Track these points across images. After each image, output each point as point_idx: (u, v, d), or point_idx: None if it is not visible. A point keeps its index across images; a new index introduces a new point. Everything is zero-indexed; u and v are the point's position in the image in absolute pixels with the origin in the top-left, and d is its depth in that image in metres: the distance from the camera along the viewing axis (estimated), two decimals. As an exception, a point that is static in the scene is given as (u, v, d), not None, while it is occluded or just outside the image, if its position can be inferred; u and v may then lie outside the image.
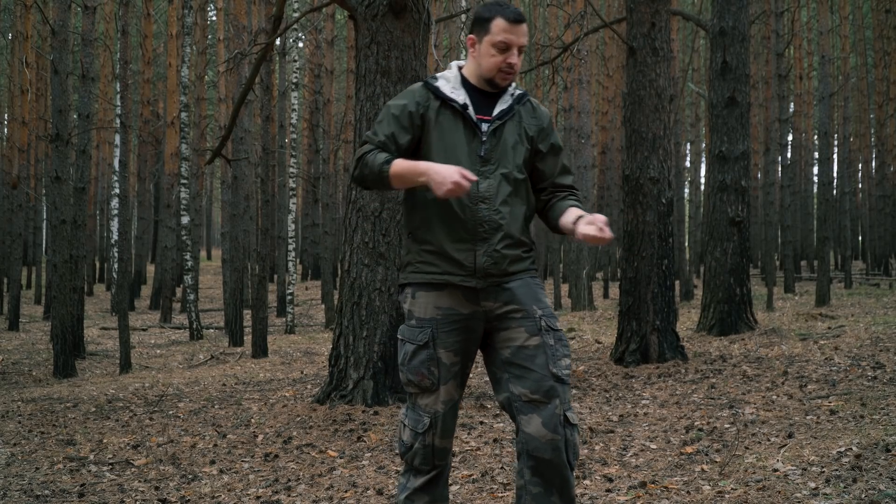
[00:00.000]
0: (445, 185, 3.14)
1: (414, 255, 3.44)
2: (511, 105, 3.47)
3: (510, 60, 3.38)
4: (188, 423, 7.38)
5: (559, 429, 3.32)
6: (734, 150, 11.68)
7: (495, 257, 3.34)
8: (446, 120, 3.41)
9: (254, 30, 16.51)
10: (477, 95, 3.46)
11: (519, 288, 3.40)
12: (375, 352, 7.39)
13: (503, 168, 3.39)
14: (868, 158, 40.02)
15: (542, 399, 3.32)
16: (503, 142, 3.42)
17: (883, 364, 7.94)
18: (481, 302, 3.39)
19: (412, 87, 3.52)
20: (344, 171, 28.61)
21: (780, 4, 21.77)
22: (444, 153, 3.36)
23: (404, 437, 3.46)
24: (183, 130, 18.38)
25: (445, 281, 3.36)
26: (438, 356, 3.37)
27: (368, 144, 3.40)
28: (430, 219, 3.37)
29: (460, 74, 3.51)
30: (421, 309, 3.41)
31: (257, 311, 13.07)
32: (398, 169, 3.28)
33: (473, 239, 3.34)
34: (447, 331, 3.37)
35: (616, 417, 6.66)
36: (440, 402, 3.41)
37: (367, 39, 7.67)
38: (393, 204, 7.50)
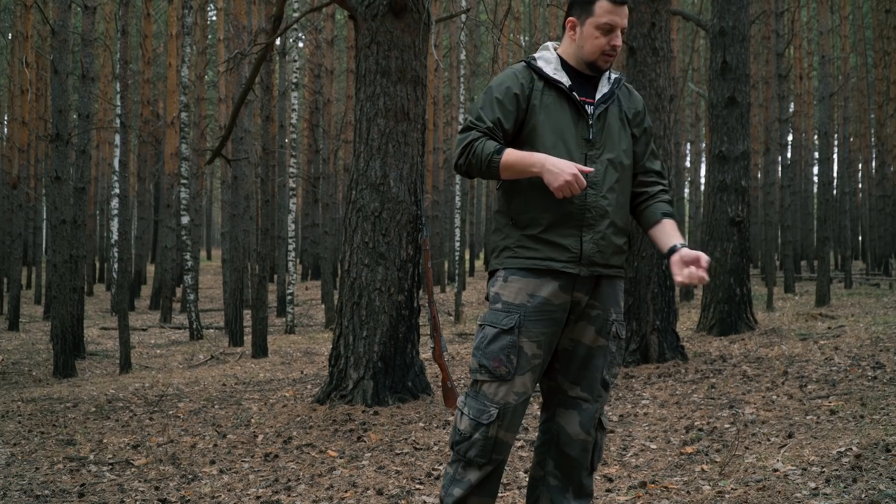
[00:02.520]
0: (562, 177, 3.07)
1: (513, 240, 3.32)
2: (612, 89, 3.39)
3: (614, 42, 3.29)
4: (188, 423, 7.37)
5: (592, 431, 3.33)
6: (734, 149, 11.67)
7: (601, 245, 3.27)
8: (552, 101, 3.31)
9: (254, 30, 16.51)
10: (577, 78, 3.38)
11: (606, 286, 3.35)
12: (375, 352, 7.39)
13: (609, 153, 3.32)
14: (868, 158, 40.02)
15: (585, 398, 3.32)
16: (608, 126, 3.34)
17: (883, 364, 7.94)
18: (574, 292, 3.30)
19: (513, 68, 3.41)
20: (344, 170, 28.60)
21: (781, 4, 21.77)
22: (552, 136, 3.27)
23: (461, 426, 3.30)
24: (183, 130, 18.37)
25: (547, 266, 3.26)
26: (521, 345, 3.25)
27: (474, 131, 3.28)
28: (533, 204, 3.27)
29: (559, 56, 3.42)
30: (511, 293, 3.29)
31: (257, 311, 13.07)
32: (510, 159, 3.19)
33: (580, 225, 3.25)
34: (535, 320, 3.26)
35: (616, 417, 6.66)
36: (513, 393, 3.26)
37: (367, 39, 7.67)
38: (392, 204, 7.50)
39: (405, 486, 5.02)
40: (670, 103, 9.71)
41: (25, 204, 26.96)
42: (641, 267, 9.28)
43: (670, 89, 9.71)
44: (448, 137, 31.93)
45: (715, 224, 11.78)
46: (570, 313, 3.35)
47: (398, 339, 7.51)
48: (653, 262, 9.27)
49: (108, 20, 25.96)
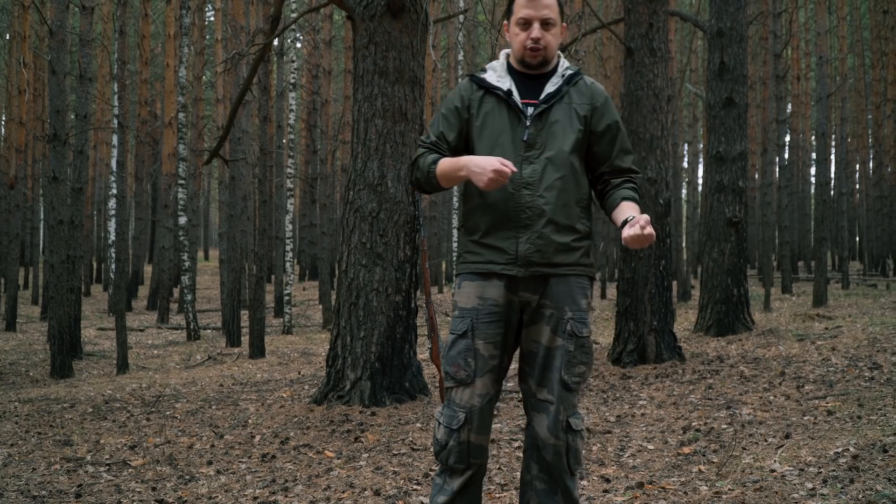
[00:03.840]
0: (485, 175, 3.11)
1: (462, 246, 3.43)
2: (559, 87, 3.40)
3: (533, 35, 3.33)
4: (185, 423, 7.37)
5: (561, 434, 3.32)
6: (732, 150, 11.68)
7: (538, 244, 3.27)
8: (490, 109, 3.38)
9: (251, 30, 16.52)
10: (524, 80, 3.42)
11: (557, 285, 3.33)
12: (373, 352, 7.39)
13: (549, 152, 3.32)
14: (865, 159, 40.06)
15: (551, 401, 3.32)
16: (549, 125, 3.35)
17: (880, 365, 7.94)
18: (520, 292, 3.33)
19: (459, 84, 3.52)
20: (342, 171, 28.63)
21: (778, 5, 21.78)
22: (488, 142, 3.34)
23: (439, 436, 3.36)
24: (180, 131, 18.38)
25: (488, 270, 3.32)
26: (476, 347, 3.31)
27: (421, 147, 3.43)
28: (475, 209, 3.35)
29: (507, 62, 3.49)
30: (464, 298, 3.38)
31: (255, 312, 13.07)
32: (442, 168, 3.30)
33: (516, 226, 3.28)
34: (486, 321, 3.32)
35: (613, 418, 6.66)
36: (476, 395, 3.32)
37: (364, 40, 7.66)
38: (390, 205, 7.50)
39: (402, 487, 5.02)
40: (668, 104, 9.72)
41: (23, 204, 26.95)
42: (639, 268, 9.28)
43: (668, 90, 9.72)
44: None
45: (712, 224, 11.78)
46: (523, 314, 3.38)
47: (396, 340, 7.50)
48: (650, 263, 9.27)
49: (105, 20, 25.93)
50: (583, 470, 5.18)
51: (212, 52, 30.12)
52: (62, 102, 12.41)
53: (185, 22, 18.45)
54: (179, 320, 21.38)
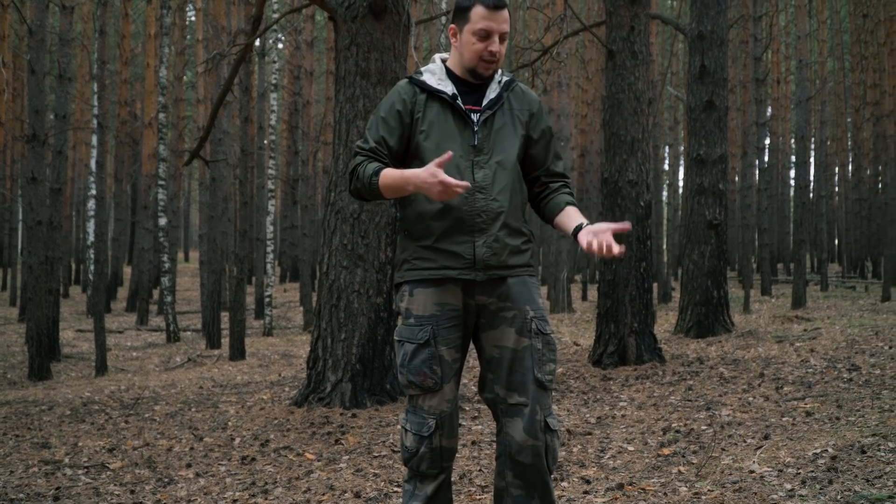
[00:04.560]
0: (434, 190, 3.05)
1: (410, 252, 3.35)
2: (500, 93, 3.39)
3: (492, 48, 3.29)
4: (164, 426, 7.34)
5: (540, 435, 3.30)
6: (712, 153, 11.73)
7: (495, 248, 3.27)
8: (435, 113, 3.32)
9: (233, 30, 16.47)
10: (464, 86, 3.38)
11: (515, 286, 3.33)
12: (354, 354, 7.38)
13: (497, 156, 3.31)
14: (845, 162, 40.31)
15: (525, 403, 3.29)
16: (496, 131, 3.34)
17: (859, 366, 7.99)
18: (476, 296, 3.31)
19: (397, 86, 3.43)
20: (323, 172, 28.57)
21: (759, 9, 21.89)
22: (435, 146, 3.28)
23: (408, 443, 3.33)
24: (161, 131, 18.30)
25: (444, 276, 3.28)
26: (440, 354, 3.28)
27: (359, 155, 3.31)
28: (424, 214, 3.28)
29: (445, 67, 3.43)
30: (420, 306, 3.31)
31: (235, 314, 13.03)
32: (387, 181, 3.20)
33: (472, 230, 3.26)
34: (448, 327, 3.29)
35: (594, 419, 6.67)
36: (445, 401, 3.30)
37: (346, 41, 7.65)
38: (372, 206, 7.49)
39: (383, 489, 5.01)
40: (649, 106, 9.75)
41: (1, 205, 26.76)
42: (619, 270, 9.31)
43: (649, 92, 9.75)
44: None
45: (693, 227, 11.83)
46: (480, 317, 3.36)
47: (377, 342, 7.50)
48: (631, 265, 9.29)
49: (85, 20, 25.83)
50: (562, 471, 5.19)
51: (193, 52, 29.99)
52: (41, 102, 12.34)
53: (166, 22, 18.36)
54: (159, 322, 21.29)
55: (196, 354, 14.12)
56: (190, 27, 33.94)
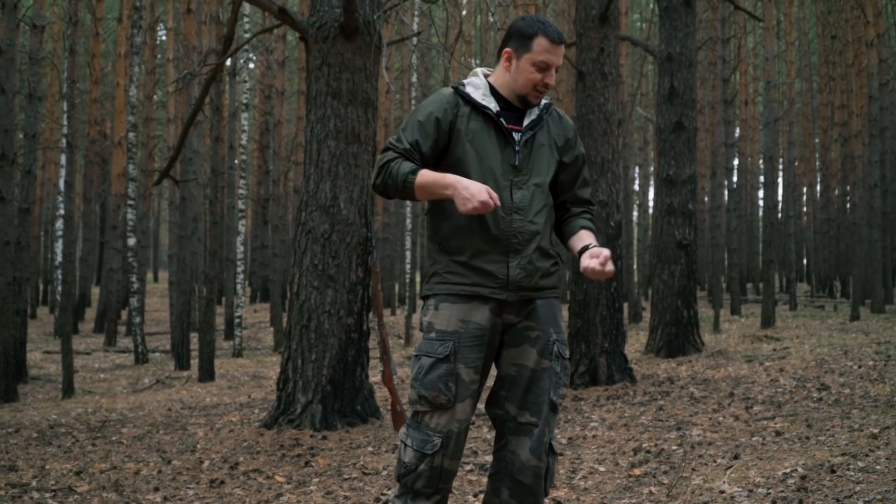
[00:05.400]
0: (472, 202, 3.06)
1: (441, 265, 3.33)
2: (540, 115, 3.41)
3: (547, 80, 3.32)
4: (132, 448, 7.26)
5: (543, 456, 3.31)
6: (681, 173, 11.81)
7: (528, 269, 3.28)
8: (478, 127, 3.32)
9: (204, 50, 16.43)
10: (505, 105, 3.39)
11: (542, 307, 3.35)
12: (324, 375, 7.34)
13: (536, 178, 3.33)
14: (813, 182, 40.68)
15: (535, 424, 3.30)
16: (535, 152, 3.36)
17: (828, 385, 8.04)
18: (504, 315, 3.31)
19: (441, 92, 3.41)
20: (294, 192, 28.51)
21: (727, 31, 22.11)
22: (476, 161, 3.28)
23: (406, 459, 3.26)
24: (130, 150, 18.19)
25: (475, 293, 3.26)
26: (458, 372, 3.24)
27: (391, 151, 3.29)
28: (461, 229, 3.27)
29: (488, 83, 3.43)
30: (443, 321, 3.28)
31: (204, 335, 12.94)
32: (424, 180, 3.19)
33: (506, 250, 3.26)
34: (469, 346, 3.25)
35: (565, 440, 6.67)
36: (455, 420, 3.25)
37: (318, 61, 7.65)
38: (343, 226, 7.48)
39: (353, 511, 4.98)
40: (619, 127, 9.80)
41: (-32, 225, 26.44)
42: (590, 290, 9.33)
43: (619, 113, 9.81)
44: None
45: (663, 247, 11.89)
46: (505, 334, 3.35)
47: (347, 363, 7.46)
48: (601, 285, 9.32)
49: (55, 39, 25.71)
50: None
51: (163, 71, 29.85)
52: (10, 121, 12.24)
53: (137, 41, 18.29)
54: (127, 343, 21.08)
55: (165, 376, 14.00)
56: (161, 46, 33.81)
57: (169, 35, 25.76)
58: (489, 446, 6.35)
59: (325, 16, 7.63)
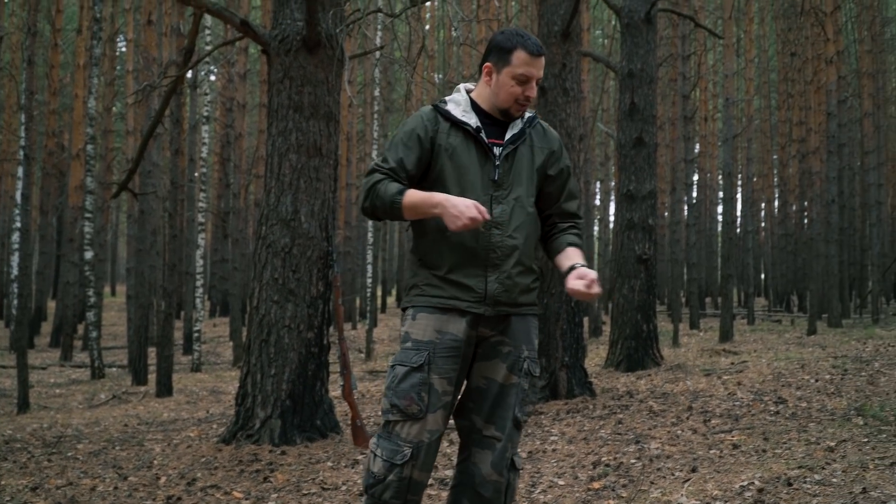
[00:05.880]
0: (461, 219, 3.07)
1: (421, 278, 3.35)
2: (522, 129, 3.42)
3: (528, 93, 3.34)
4: (88, 464, 7.17)
5: (505, 472, 3.31)
6: (642, 189, 11.89)
7: (507, 284, 3.28)
8: (458, 143, 3.33)
9: (164, 62, 16.33)
10: (487, 119, 3.40)
11: (517, 323, 3.36)
12: (284, 390, 7.29)
13: (516, 193, 3.34)
14: (771, 198, 41.18)
15: (498, 438, 3.30)
16: (516, 166, 3.36)
17: (785, 399, 8.10)
18: (479, 328, 3.31)
19: (421, 110, 3.44)
20: (255, 205, 28.35)
21: (687, 48, 22.33)
22: (456, 176, 3.29)
23: (375, 469, 3.25)
24: (88, 163, 18.00)
25: (452, 305, 3.27)
26: (431, 381, 3.23)
27: (377, 173, 3.31)
28: (440, 244, 3.29)
29: (470, 99, 3.45)
30: (420, 331, 3.28)
31: (162, 349, 12.82)
32: (411, 200, 3.20)
33: (485, 265, 3.27)
34: (444, 356, 3.25)
35: (525, 454, 6.67)
36: (426, 431, 3.24)
37: (279, 74, 7.63)
38: (303, 240, 7.45)
39: (312, 527, 4.94)
40: (580, 143, 9.86)
41: (-78, 237, 26.09)
42: (551, 304, 9.35)
43: (580, 129, 9.86)
44: (361, 173, 31.90)
45: (623, 261, 11.95)
46: (478, 347, 3.36)
47: (307, 377, 7.42)
48: (562, 300, 9.34)
49: (14, 50, 25.44)
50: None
51: (122, 83, 29.65)
52: (-35, 133, 12.09)
53: (96, 52, 18.13)
54: (84, 358, 20.82)
55: (121, 391, 13.85)
56: (120, 58, 33.61)
57: (129, 46, 25.56)
58: (450, 461, 6.34)
59: (288, 29, 7.62)
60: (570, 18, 9.43)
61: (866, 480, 4.85)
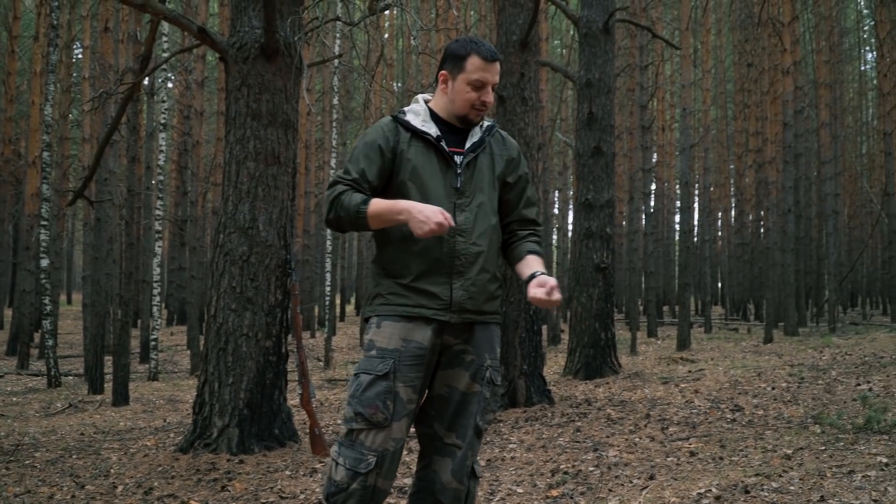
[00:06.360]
0: (428, 224, 3.06)
1: (384, 288, 3.33)
2: (482, 137, 3.44)
3: (484, 98, 3.35)
4: (45, 473, 7.08)
5: (465, 480, 3.31)
6: (600, 198, 11.97)
7: (472, 291, 3.29)
8: (419, 152, 3.34)
9: (121, 69, 16.20)
10: (447, 128, 3.41)
11: (480, 332, 3.37)
12: (241, 399, 7.25)
13: (478, 200, 3.35)
14: (728, 207, 41.61)
15: (459, 446, 3.31)
16: (477, 174, 3.38)
17: (741, 407, 8.19)
18: (444, 335, 3.31)
19: (381, 121, 3.44)
20: (213, 213, 28.18)
21: (645, 58, 22.51)
22: (419, 187, 3.29)
23: (337, 477, 3.22)
24: (45, 170, 17.80)
25: (418, 314, 3.26)
26: (396, 390, 3.22)
27: (340, 185, 3.30)
28: (405, 253, 3.28)
29: (429, 108, 3.46)
30: (384, 339, 3.27)
31: (119, 358, 12.69)
32: (376, 209, 3.20)
33: (450, 272, 3.27)
34: (409, 364, 3.25)
35: (483, 462, 6.68)
36: (391, 439, 3.23)
37: (237, 82, 7.60)
38: (261, 248, 7.42)
39: (270, 536, 4.92)
40: (539, 152, 9.90)
41: None
42: (510, 312, 9.38)
43: (539, 138, 9.91)
44: (320, 181, 31.82)
45: (581, 270, 12.02)
46: (441, 355, 3.36)
47: (265, 386, 7.39)
48: (521, 307, 9.38)
49: (-32, 56, 25.11)
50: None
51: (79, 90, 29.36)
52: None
53: (53, 59, 17.95)
54: (40, 366, 20.57)
55: (78, 400, 13.69)
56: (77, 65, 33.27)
57: (85, 53, 25.32)
58: (408, 469, 6.34)
59: (246, 36, 7.59)
60: (529, 28, 9.49)
61: (824, 488, 4.91)
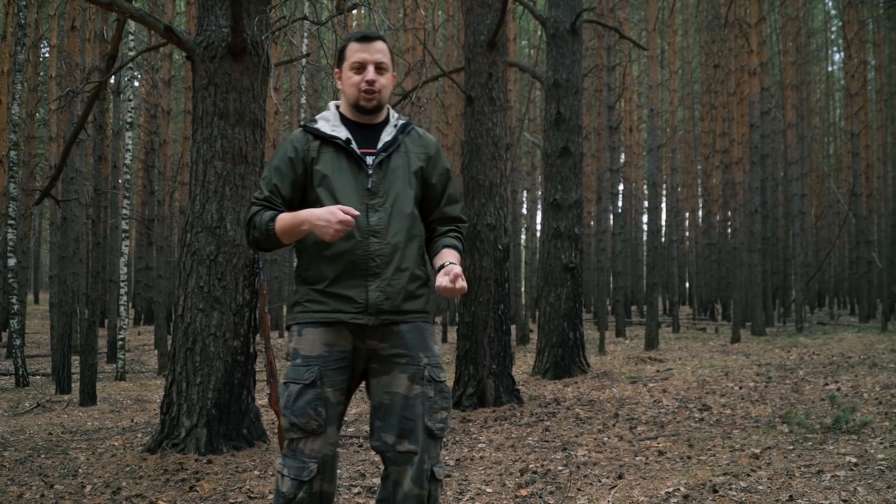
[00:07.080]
0: (331, 226, 3.07)
1: (301, 295, 3.34)
2: (395, 136, 3.42)
3: (367, 78, 3.34)
4: (14, 472, 7.02)
5: (425, 484, 3.29)
6: (568, 198, 12.01)
7: (388, 292, 3.26)
8: (329, 158, 3.33)
9: (87, 67, 16.07)
10: (359, 130, 3.40)
11: (409, 332, 3.32)
12: (209, 399, 7.22)
13: (393, 199, 3.32)
14: (695, 207, 41.87)
15: (414, 451, 3.27)
16: (391, 173, 3.35)
17: (709, 406, 8.25)
18: (366, 340, 3.29)
19: (291, 134, 3.43)
20: (180, 213, 28.02)
21: (612, 59, 22.62)
22: (330, 192, 3.28)
23: (284, 489, 3.23)
24: (11, 169, 17.63)
25: (336, 319, 3.25)
26: (326, 395, 3.23)
27: (254, 206, 3.32)
28: (319, 259, 3.27)
29: (339, 112, 3.46)
30: (307, 346, 3.28)
31: (86, 357, 12.59)
32: (282, 225, 3.21)
33: (365, 274, 3.25)
34: (335, 368, 3.25)
35: (453, 462, 6.69)
36: (328, 444, 3.25)
37: (204, 81, 7.56)
38: (229, 248, 7.39)
39: (238, 537, 4.90)
40: (507, 152, 9.93)
41: None
42: (478, 312, 9.40)
43: (507, 138, 9.94)
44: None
45: (549, 270, 12.06)
46: (373, 362, 3.34)
47: (233, 386, 7.36)
48: (489, 307, 9.40)
49: (-68, 53, 24.77)
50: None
51: (46, 89, 29.10)
52: None
53: (20, 58, 17.77)
54: (7, 366, 20.37)
55: (45, 399, 13.58)
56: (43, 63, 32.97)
57: (52, 52, 25.10)
58: (377, 469, 6.34)
59: (213, 35, 7.55)
60: (497, 28, 9.51)
61: (793, 488, 4.96)
